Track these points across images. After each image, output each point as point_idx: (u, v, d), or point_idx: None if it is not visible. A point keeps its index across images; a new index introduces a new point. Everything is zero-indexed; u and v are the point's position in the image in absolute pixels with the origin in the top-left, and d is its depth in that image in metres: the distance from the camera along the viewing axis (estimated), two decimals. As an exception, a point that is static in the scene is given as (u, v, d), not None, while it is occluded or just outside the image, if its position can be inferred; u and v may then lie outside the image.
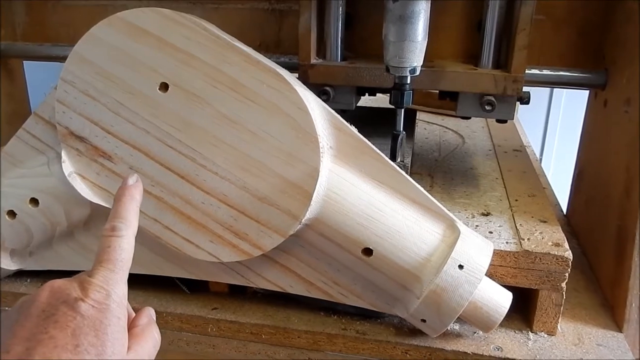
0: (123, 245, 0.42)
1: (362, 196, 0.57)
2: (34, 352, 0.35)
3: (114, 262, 0.41)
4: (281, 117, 0.55)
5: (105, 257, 0.41)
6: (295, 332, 0.64)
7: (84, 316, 0.37)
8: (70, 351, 0.35)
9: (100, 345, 0.37)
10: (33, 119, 0.63)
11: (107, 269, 0.41)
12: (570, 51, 0.80)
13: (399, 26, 0.57)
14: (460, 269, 0.56)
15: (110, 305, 0.39)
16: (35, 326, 0.36)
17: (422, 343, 0.61)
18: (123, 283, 0.41)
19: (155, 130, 0.58)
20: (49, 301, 0.38)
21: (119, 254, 0.42)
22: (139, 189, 0.47)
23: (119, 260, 0.41)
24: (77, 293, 0.38)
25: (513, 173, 0.83)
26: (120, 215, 0.44)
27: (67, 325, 0.36)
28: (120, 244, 0.42)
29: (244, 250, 0.58)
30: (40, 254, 0.68)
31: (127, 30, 0.58)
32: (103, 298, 0.39)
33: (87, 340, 0.36)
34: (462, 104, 0.69)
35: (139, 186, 0.48)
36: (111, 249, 0.42)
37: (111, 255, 0.41)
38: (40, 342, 0.35)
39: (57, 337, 0.35)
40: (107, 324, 0.38)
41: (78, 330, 0.36)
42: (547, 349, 0.61)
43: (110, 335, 0.38)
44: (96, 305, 0.38)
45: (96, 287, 0.39)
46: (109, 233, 0.43)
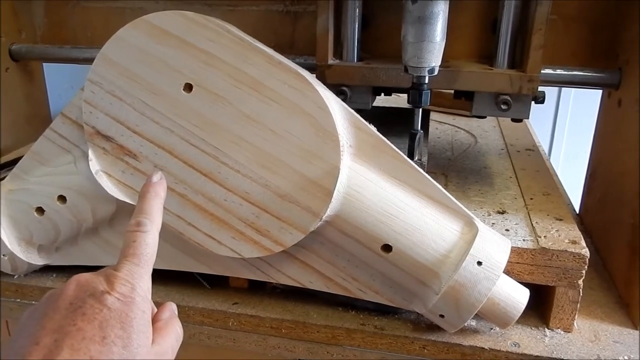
0: (147, 240, 0.43)
1: (381, 193, 0.58)
2: (63, 343, 0.35)
3: (139, 257, 0.42)
4: (302, 117, 0.57)
5: (131, 251, 0.42)
6: (315, 326, 0.65)
7: (110, 309, 0.38)
8: (97, 342, 0.36)
9: (126, 337, 0.37)
10: (60, 119, 0.65)
11: (132, 263, 0.41)
12: (582, 50, 0.81)
13: (418, 27, 0.58)
14: (478, 266, 0.57)
15: (135, 299, 0.39)
16: (63, 318, 0.37)
17: (439, 338, 0.62)
18: (147, 277, 0.42)
19: (179, 130, 0.59)
20: (76, 294, 0.39)
21: (143, 248, 0.43)
22: (163, 186, 0.48)
23: (143, 255, 0.42)
24: (103, 286, 0.39)
25: (527, 172, 0.84)
26: (144, 211, 0.45)
27: (94, 317, 0.37)
28: (145, 239, 0.43)
29: (265, 247, 0.59)
30: (66, 249, 0.69)
31: (152, 33, 0.59)
32: (128, 291, 0.39)
33: (114, 332, 0.37)
34: (478, 103, 0.70)
35: (163, 183, 0.49)
36: (136, 244, 0.43)
37: (136, 249, 0.42)
38: (68, 334, 0.36)
39: (85, 329, 0.36)
40: (133, 316, 0.38)
41: (105, 323, 0.37)
42: (564, 345, 0.62)
43: (136, 327, 0.38)
44: (122, 298, 0.39)
45: (122, 281, 0.40)
46: (134, 228, 0.44)
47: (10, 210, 0.67)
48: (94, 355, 0.35)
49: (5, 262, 0.69)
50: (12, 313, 0.73)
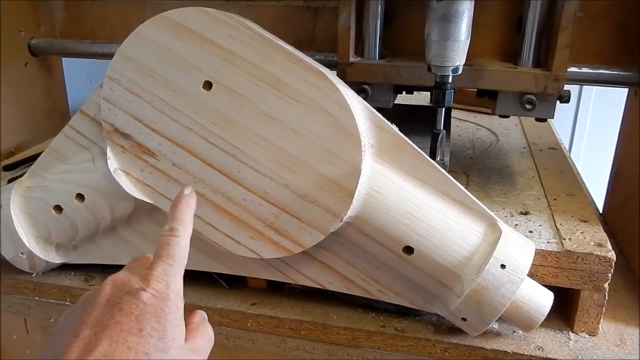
0: (180, 244, 0.45)
1: (403, 194, 0.57)
2: (102, 335, 0.37)
3: (172, 257, 0.43)
4: (323, 115, 0.56)
5: (165, 252, 0.44)
6: (334, 328, 0.64)
7: (146, 304, 0.39)
8: (135, 334, 0.37)
9: (161, 330, 0.39)
10: (79, 116, 0.64)
11: (166, 263, 0.43)
12: (607, 48, 0.79)
13: (442, 25, 0.57)
14: (502, 269, 0.56)
15: (169, 295, 0.41)
16: (101, 314, 0.39)
17: (461, 341, 0.62)
18: (180, 277, 0.43)
19: (198, 128, 0.59)
20: (112, 292, 0.40)
21: (177, 250, 0.44)
22: (194, 199, 0.50)
23: (177, 256, 0.44)
24: (139, 284, 0.41)
25: (550, 171, 0.82)
26: (177, 218, 0.47)
27: (131, 312, 0.38)
28: (178, 242, 0.45)
29: (285, 247, 0.59)
30: (84, 247, 0.69)
31: (172, 29, 0.58)
32: (163, 288, 0.41)
33: (150, 325, 0.38)
34: (502, 102, 0.69)
35: (194, 196, 0.50)
36: (170, 246, 0.44)
37: (170, 251, 0.44)
38: (107, 327, 0.37)
39: (123, 322, 0.38)
40: (167, 311, 0.40)
41: (141, 317, 0.38)
42: (588, 349, 0.61)
43: (171, 321, 0.40)
44: (157, 294, 0.40)
45: (156, 278, 0.41)
46: (167, 233, 0.45)
47: (29, 207, 0.67)
48: (131, 345, 0.37)
49: (23, 260, 0.69)
50: (31, 311, 0.73)
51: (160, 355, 0.38)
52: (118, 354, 0.36)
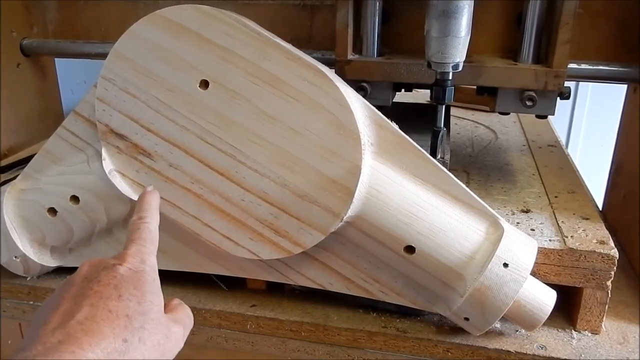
0: (150, 228, 0.48)
1: (404, 193, 0.57)
2: (82, 302, 0.38)
3: (144, 239, 0.46)
4: (322, 114, 0.55)
5: (137, 235, 0.46)
6: (335, 329, 0.63)
7: (123, 275, 0.41)
8: (114, 299, 0.39)
9: (140, 295, 0.40)
10: (72, 117, 0.63)
11: (138, 244, 0.45)
12: (607, 45, 0.79)
13: (442, 22, 0.56)
14: (505, 267, 0.55)
15: (145, 269, 0.43)
16: (80, 288, 0.40)
17: (463, 341, 0.61)
18: (154, 256, 0.45)
19: (195, 128, 0.58)
20: (89, 270, 0.42)
21: (147, 233, 0.47)
22: (157, 195, 0.53)
23: (148, 239, 0.46)
24: (114, 261, 0.42)
25: (550, 169, 0.82)
26: (144, 208, 0.50)
27: (109, 282, 0.40)
28: (148, 227, 0.48)
29: (284, 248, 0.58)
30: (80, 250, 0.68)
31: (167, 28, 0.57)
32: (138, 263, 0.43)
33: (128, 291, 0.40)
34: (502, 99, 0.68)
35: (157, 193, 0.54)
36: (141, 230, 0.47)
37: (141, 234, 0.46)
38: (86, 296, 0.39)
39: (102, 291, 0.39)
40: (144, 281, 0.42)
41: (119, 285, 0.40)
42: (592, 348, 0.60)
43: (148, 288, 0.42)
44: (133, 267, 0.42)
45: (131, 255, 0.43)
46: (137, 220, 0.48)
47: (23, 210, 0.65)
48: (112, 309, 0.38)
49: (17, 264, 0.68)
50: (26, 315, 0.72)
51: (141, 317, 0.39)
52: (99, 316, 0.37)
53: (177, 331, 0.43)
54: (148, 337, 0.39)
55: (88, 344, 0.35)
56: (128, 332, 0.38)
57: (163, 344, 0.41)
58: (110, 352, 0.36)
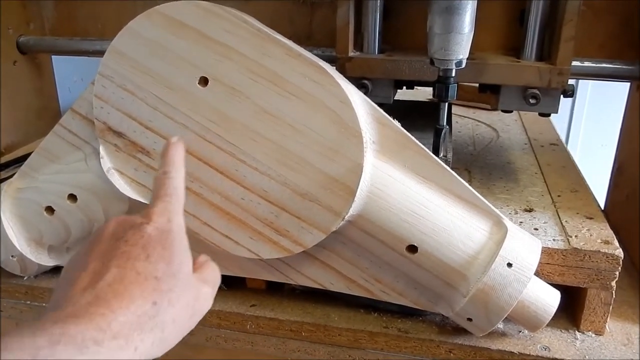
0: (175, 184, 0.45)
1: (406, 192, 0.56)
2: (110, 264, 0.37)
3: (170, 196, 0.43)
4: (323, 111, 0.54)
5: (162, 192, 0.44)
6: (336, 329, 0.63)
7: (150, 235, 0.40)
8: (142, 260, 0.38)
9: (167, 256, 0.39)
10: (70, 115, 0.62)
11: (164, 201, 0.43)
12: (610, 42, 0.78)
13: (446, 18, 0.56)
14: (509, 267, 0.54)
15: (172, 228, 0.41)
16: (107, 247, 0.39)
17: (466, 342, 0.60)
18: (181, 214, 0.43)
19: (194, 125, 0.57)
20: (116, 228, 0.40)
21: (173, 190, 0.44)
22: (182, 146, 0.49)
23: (174, 195, 0.44)
24: (141, 219, 0.41)
25: (552, 167, 0.81)
26: (169, 162, 0.46)
27: (136, 242, 0.39)
28: (173, 182, 0.45)
29: (285, 247, 0.57)
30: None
31: (166, 24, 0.57)
32: (165, 221, 0.41)
33: (157, 252, 0.39)
34: (505, 97, 0.68)
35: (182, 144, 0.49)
36: (166, 186, 0.44)
37: (167, 190, 0.44)
38: (114, 257, 0.38)
39: (130, 251, 0.38)
40: (172, 240, 0.40)
41: (147, 245, 0.39)
42: (595, 349, 0.60)
43: (176, 249, 0.40)
44: (160, 226, 0.41)
45: (157, 213, 0.41)
46: (161, 175, 0.45)
47: (19, 209, 0.65)
48: (140, 270, 0.37)
49: (14, 264, 0.67)
50: (23, 315, 0.71)
51: (170, 279, 0.38)
52: (128, 278, 0.37)
53: (206, 291, 0.43)
54: (177, 300, 0.38)
55: (118, 306, 0.35)
56: (157, 294, 0.37)
57: (192, 305, 0.40)
58: (141, 315, 0.35)
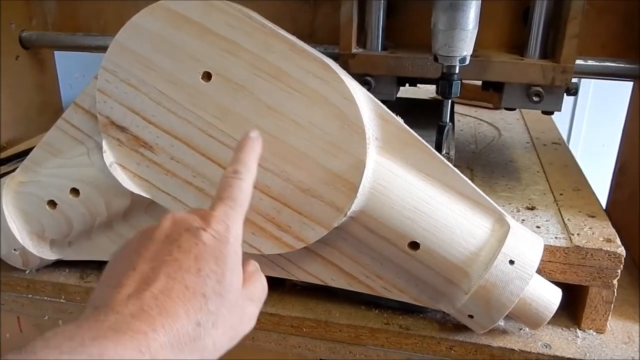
0: (243, 187, 0.43)
1: (408, 189, 0.56)
2: (159, 271, 0.36)
3: (234, 200, 0.42)
4: (327, 107, 0.54)
5: (227, 194, 0.42)
6: (337, 325, 0.63)
7: (205, 244, 0.38)
8: (193, 274, 0.36)
9: (220, 272, 0.37)
10: (73, 109, 0.62)
11: (227, 205, 0.41)
12: (613, 41, 0.78)
13: (450, 14, 0.55)
14: (511, 265, 0.54)
15: (229, 239, 0.39)
16: (159, 249, 0.37)
17: (467, 339, 0.60)
18: (241, 222, 0.42)
19: (197, 120, 0.57)
20: (172, 228, 0.39)
21: (239, 193, 0.42)
22: (260, 143, 0.48)
23: (239, 199, 0.42)
24: (198, 223, 0.39)
25: (554, 166, 0.81)
26: (242, 161, 0.45)
27: (190, 250, 0.37)
28: (241, 185, 0.43)
29: (286, 243, 0.57)
30: (79, 244, 0.67)
31: (169, 18, 0.56)
32: (223, 230, 0.39)
33: (209, 266, 0.37)
34: (508, 94, 0.68)
35: (260, 140, 0.48)
36: (232, 188, 0.42)
37: (232, 193, 0.42)
38: (164, 263, 0.36)
39: (181, 260, 0.37)
40: (227, 254, 0.39)
41: (200, 256, 0.37)
42: (596, 347, 0.60)
43: (229, 265, 0.38)
44: (217, 235, 0.39)
45: (217, 219, 0.40)
46: (231, 175, 0.43)
47: (22, 203, 0.65)
48: (189, 285, 0.36)
49: (16, 257, 0.67)
50: (24, 309, 0.71)
51: (217, 299, 0.37)
52: (175, 292, 0.35)
53: (251, 311, 0.42)
54: (222, 322, 0.37)
55: (161, 324, 0.33)
56: (202, 314, 0.35)
57: (235, 327, 0.39)
58: (182, 335, 0.34)
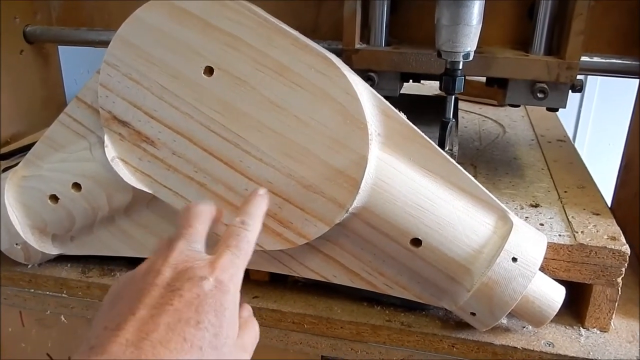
0: (249, 238, 0.45)
1: (411, 185, 0.55)
2: (159, 319, 0.36)
3: (240, 249, 0.43)
4: (329, 103, 0.54)
5: (234, 243, 0.43)
6: (338, 322, 0.63)
7: (207, 295, 0.39)
8: (192, 326, 0.37)
9: (218, 325, 0.38)
10: (75, 103, 0.62)
11: (233, 254, 0.42)
12: (619, 38, 0.77)
13: (454, 9, 0.55)
14: (513, 262, 0.54)
15: (230, 289, 0.40)
16: (160, 296, 0.38)
17: (469, 337, 0.60)
18: (242, 271, 0.43)
19: (199, 115, 0.56)
20: (173, 277, 0.39)
21: (245, 244, 0.44)
22: (267, 201, 0.50)
23: (244, 249, 0.43)
24: (202, 272, 0.40)
25: (559, 164, 0.81)
26: (250, 213, 0.47)
27: (191, 301, 0.38)
28: (247, 236, 0.45)
29: (288, 239, 0.57)
30: (81, 239, 0.67)
31: (172, 13, 0.56)
32: (227, 280, 0.40)
33: (208, 318, 0.38)
34: (512, 91, 0.67)
35: (267, 198, 0.50)
36: (240, 238, 0.44)
37: (239, 242, 0.43)
38: (165, 312, 0.37)
39: (182, 311, 0.37)
40: (226, 306, 0.39)
41: (200, 307, 0.38)
42: (600, 345, 0.59)
43: (227, 318, 0.39)
44: (219, 285, 0.39)
45: (222, 267, 0.41)
46: (239, 225, 0.45)
47: (24, 197, 0.65)
48: (187, 337, 0.36)
49: (18, 251, 0.67)
50: (26, 303, 0.71)
51: (212, 351, 0.37)
52: (173, 343, 0.36)
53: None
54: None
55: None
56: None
57: None
58: None
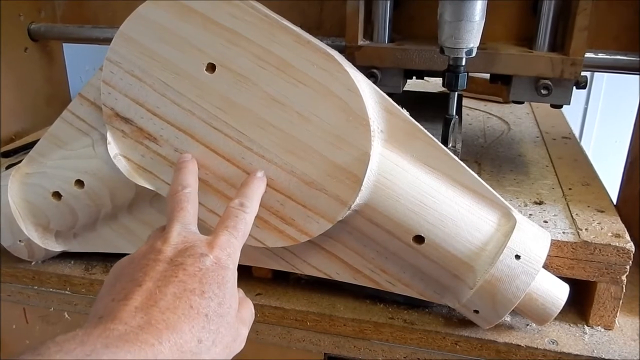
0: (247, 220, 0.47)
1: (414, 182, 0.55)
2: (166, 289, 0.38)
3: (237, 230, 0.45)
4: (331, 99, 0.53)
5: (232, 223, 0.46)
6: (341, 319, 0.62)
7: (208, 269, 0.41)
8: (197, 295, 0.39)
9: (221, 295, 0.40)
10: (78, 100, 0.62)
11: (231, 234, 0.45)
12: (624, 34, 0.76)
13: (456, 5, 0.55)
14: (517, 260, 0.54)
15: (229, 265, 0.43)
16: (165, 270, 0.40)
17: (472, 334, 0.60)
18: (239, 251, 0.45)
19: (201, 112, 0.56)
20: (175, 253, 0.42)
21: (242, 225, 0.46)
22: (264, 183, 0.53)
23: (241, 230, 0.46)
24: (202, 250, 0.42)
25: (564, 161, 0.80)
26: (248, 196, 0.49)
27: (194, 273, 0.40)
28: (245, 217, 0.47)
29: (290, 236, 0.57)
30: (84, 236, 0.67)
31: (174, 9, 0.56)
32: (225, 257, 0.43)
33: (212, 289, 0.40)
34: (516, 88, 0.67)
35: (264, 180, 0.53)
36: (238, 219, 0.46)
37: (237, 224, 0.46)
38: (170, 283, 0.39)
39: (187, 282, 0.39)
40: (227, 280, 0.42)
41: (203, 279, 0.40)
42: (604, 343, 0.59)
43: (229, 290, 0.41)
44: (218, 262, 0.42)
45: (220, 246, 0.43)
46: (237, 207, 0.48)
47: (27, 194, 0.65)
48: (193, 305, 0.38)
49: (21, 248, 0.67)
50: (30, 300, 0.72)
51: (218, 319, 0.39)
52: (181, 310, 0.37)
53: (243, 333, 0.44)
54: (220, 340, 0.39)
55: (167, 338, 0.35)
56: (205, 333, 0.38)
57: (230, 346, 0.41)
58: (185, 351, 0.36)
